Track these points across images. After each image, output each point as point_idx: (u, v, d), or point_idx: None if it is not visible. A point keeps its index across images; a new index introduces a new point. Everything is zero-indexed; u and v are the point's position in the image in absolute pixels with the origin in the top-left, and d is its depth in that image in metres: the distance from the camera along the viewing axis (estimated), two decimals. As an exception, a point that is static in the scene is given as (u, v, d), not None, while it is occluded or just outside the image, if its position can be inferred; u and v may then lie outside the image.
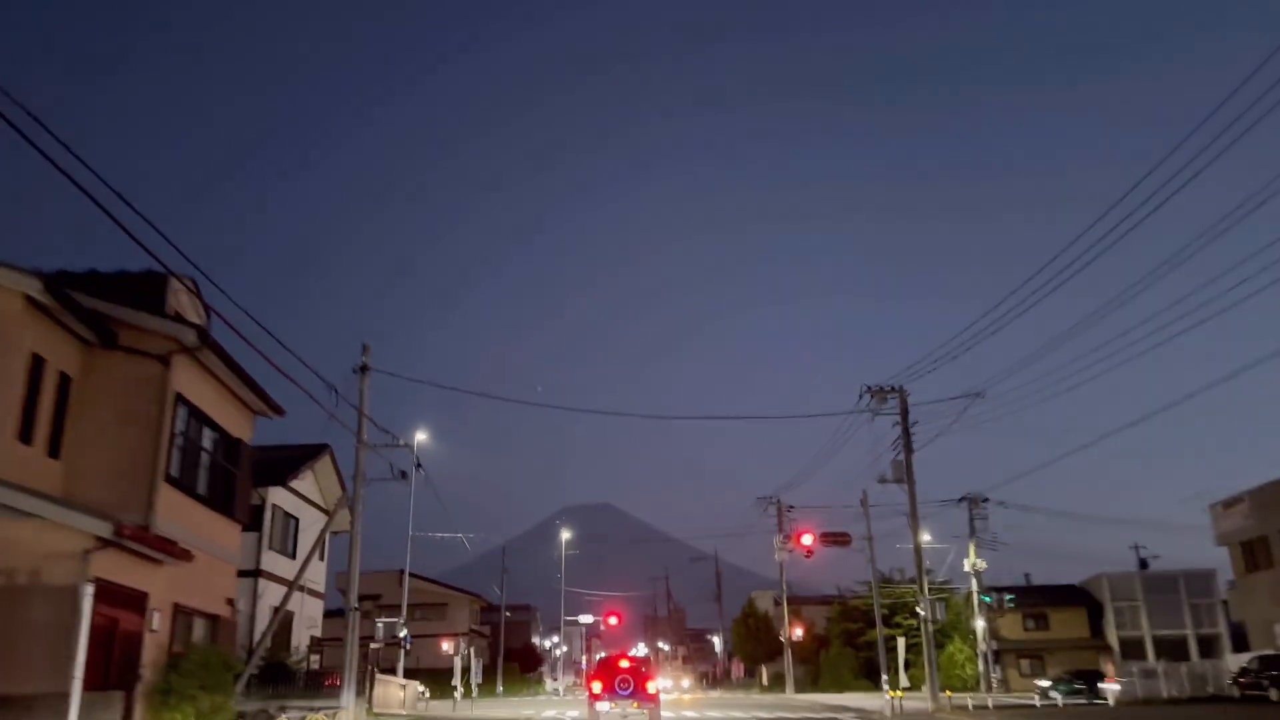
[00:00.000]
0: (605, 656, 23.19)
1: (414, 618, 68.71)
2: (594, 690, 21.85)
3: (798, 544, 28.12)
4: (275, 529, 22.28)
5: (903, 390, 35.04)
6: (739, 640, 67.20)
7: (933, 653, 33.28)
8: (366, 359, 21.85)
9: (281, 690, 20.54)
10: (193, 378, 12.97)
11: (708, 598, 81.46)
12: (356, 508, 20.84)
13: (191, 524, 12.86)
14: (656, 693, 21.92)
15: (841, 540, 29.36)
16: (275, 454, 23.85)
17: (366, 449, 21.36)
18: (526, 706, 40.14)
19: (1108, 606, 58.63)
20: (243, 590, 21.99)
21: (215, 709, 12.10)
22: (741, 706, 38.13)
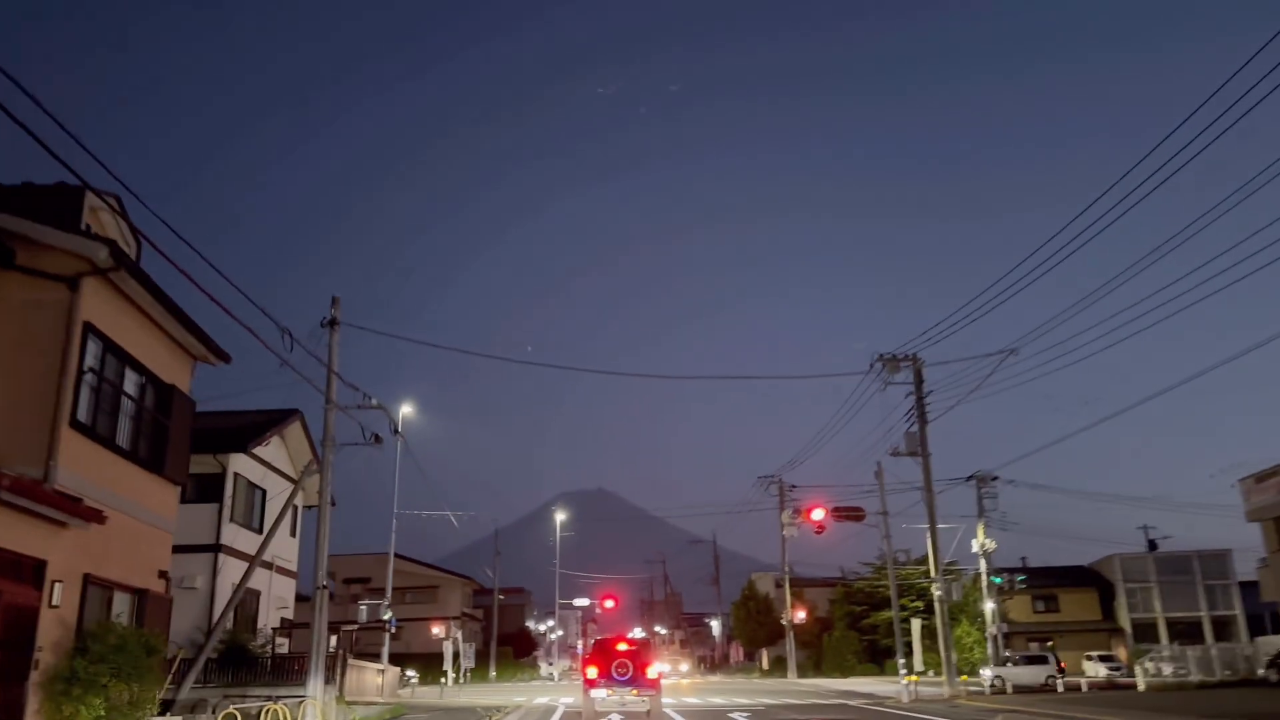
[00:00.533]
0: (601, 639, 21.20)
1: (404, 601, 66.86)
2: (589, 676, 19.89)
3: (808, 519, 26.18)
4: (238, 500, 20.25)
5: (916, 358, 33.09)
6: (739, 623, 65.48)
7: (949, 635, 31.42)
8: (335, 312, 19.78)
9: (243, 676, 18.54)
10: (110, 307, 10.88)
11: (704, 582, 79.80)
12: (325, 474, 18.78)
13: (108, 480, 10.79)
14: (658, 678, 19.98)
15: (855, 515, 27.43)
16: (239, 419, 21.79)
17: (336, 410, 19.30)
18: (519, 692, 38.26)
19: (1119, 588, 56.95)
20: (202, 567, 19.97)
21: (135, 701, 10.01)
22: (744, 692, 36.29)
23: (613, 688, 19.68)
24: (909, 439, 32.07)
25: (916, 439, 32.19)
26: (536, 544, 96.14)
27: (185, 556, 19.80)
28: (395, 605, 66.76)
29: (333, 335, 19.70)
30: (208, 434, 20.59)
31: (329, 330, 19.72)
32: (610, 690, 19.72)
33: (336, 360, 19.61)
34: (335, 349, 19.67)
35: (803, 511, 26.11)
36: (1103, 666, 50.76)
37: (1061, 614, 57.66)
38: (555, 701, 28.62)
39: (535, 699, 30.56)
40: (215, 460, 19.98)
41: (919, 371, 32.87)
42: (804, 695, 33.24)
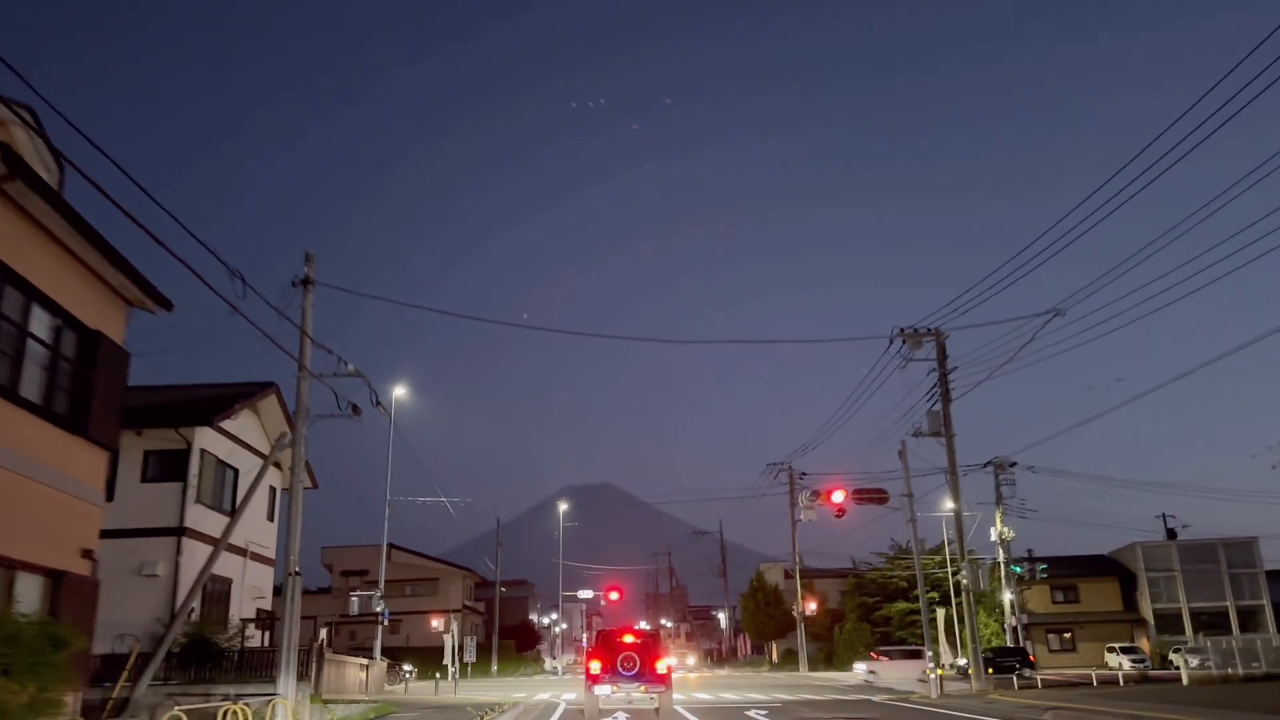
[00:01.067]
0: (605, 630, 19.34)
1: (404, 594, 65.22)
2: (592, 671, 18.06)
3: (828, 502, 24.28)
4: (205, 479, 18.42)
5: (939, 332, 31.13)
6: (747, 616, 63.68)
7: (975, 625, 29.55)
8: (310, 270, 17.95)
9: (208, 673, 16.71)
10: (8, 228, 9.00)
11: (709, 575, 78.06)
12: (298, 448, 16.93)
13: (3, 438, 8.92)
14: (667, 672, 18.15)
15: (878, 497, 25.56)
16: (206, 392, 19.94)
17: (310, 379, 17.44)
18: (520, 687, 36.49)
19: (1141, 577, 54.99)
20: (163, 552, 18.15)
21: (34, 704, 8.13)
22: (756, 686, 34.48)
23: (618, 684, 17.86)
24: (931, 418, 30.14)
25: (939, 418, 30.25)
26: (540, 538, 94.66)
27: (145, 541, 18.02)
28: (394, 598, 65.23)
29: (306, 296, 17.87)
30: (169, 406, 18.79)
31: (302, 290, 17.89)
32: (615, 686, 17.90)
33: (310, 323, 17.78)
34: (309, 311, 17.85)
35: (822, 494, 24.23)
36: (1125, 658, 48.90)
37: (1081, 604, 55.74)
38: (556, 698, 26.82)
39: (535, 695, 28.77)
40: (178, 435, 18.15)
41: (942, 345, 30.93)
42: (820, 689, 31.40)
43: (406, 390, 35.09)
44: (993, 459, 52.95)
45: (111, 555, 17.99)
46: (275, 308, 17.22)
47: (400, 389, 34.92)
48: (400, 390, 34.88)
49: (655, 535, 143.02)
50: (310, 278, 17.94)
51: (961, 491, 31.43)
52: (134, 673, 16.20)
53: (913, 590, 57.54)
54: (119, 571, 17.74)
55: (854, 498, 24.66)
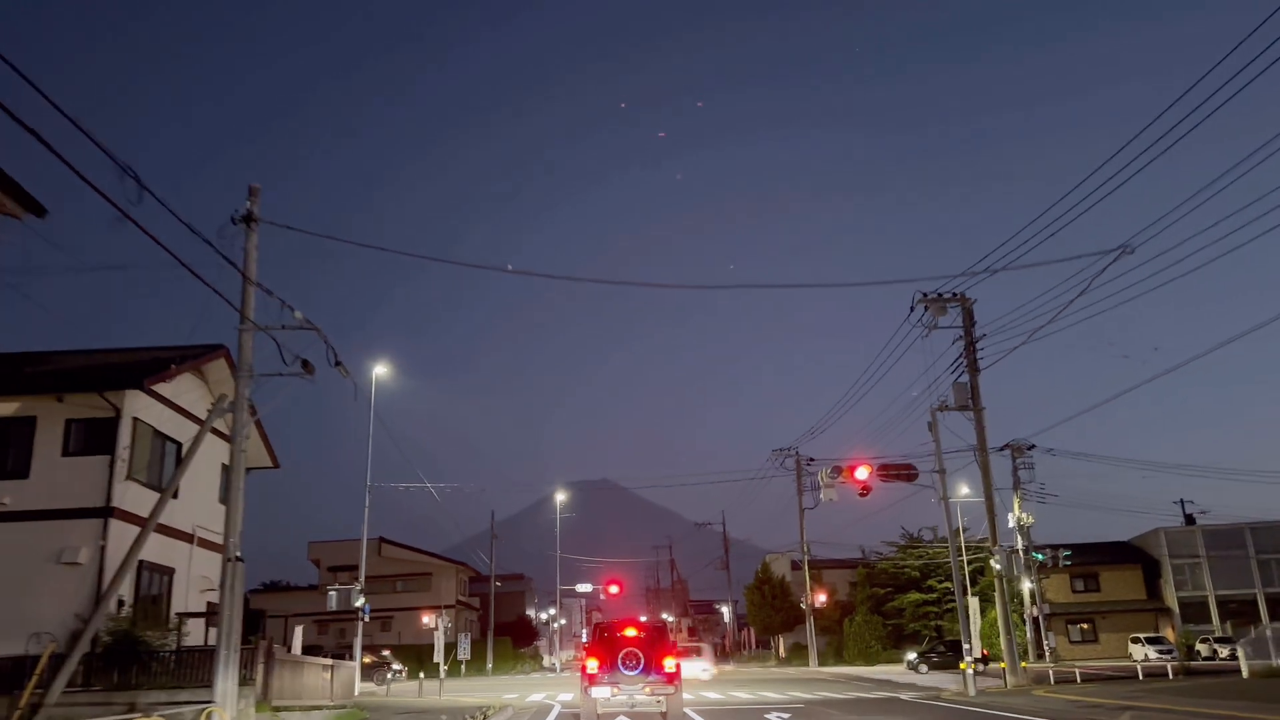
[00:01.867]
0: (604, 624, 16.84)
1: (395, 589, 62.64)
2: (589, 670, 15.57)
3: (851, 479, 21.79)
4: (139, 452, 15.88)
5: (965, 297, 28.63)
6: (753, 609, 61.22)
7: (1008, 615, 27.08)
8: (253, 205, 15.37)
9: (135, 677, 14.15)
10: None
11: (710, 569, 75.66)
12: (240, 412, 14.40)
13: None
14: (676, 671, 15.65)
15: (906, 473, 23.08)
16: (142, 355, 17.40)
17: (255, 332, 14.90)
18: (513, 687, 34.02)
19: (1165, 564, 52.55)
20: (87, 535, 15.59)
21: None
22: (767, 683, 32.02)
23: (619, 684, 15.37)
24: (958, 390, 27.65)
25: (967, 390, 27.77)
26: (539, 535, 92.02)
27: (65, 524, 15.49)
28: (385, 594, 62.72)
29: (250, 236, 15.30)
30: (95, 370, 16.24)
31: (245, 229, 15.32)
32: (616, 688, 15.41)
33: (255, 266, 15.21)
34: (254, 253, 15.28)
35: (844, 470, 21.72)
36: (1151, 649, 46.48)
37: (1103, 593, 53.32)
38: (551, 699, 24.34)
39: (529, 696, 26.28)
40: (104, 401, 15.59)
41: (969, 312, 28.45)
42: (838, 686, 28.94)
43: (389, 370, 32.56)
44: (1010, 442, 50.46)
45: (25, 540, 15.49)
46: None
47: (381, 367, 32.39)
48: (381, 369, 32.35)
49: (656, 531, 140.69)
50: (254, 214, 15.36)
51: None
52: (45, 678, 13.65)
53: (926, 580, 55.20)
54: (34, 559, 15.23)
55: (879, 474, 22.20)
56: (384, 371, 32.38)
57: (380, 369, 32.26)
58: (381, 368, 32.31)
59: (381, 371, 32.32)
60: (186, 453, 14.71)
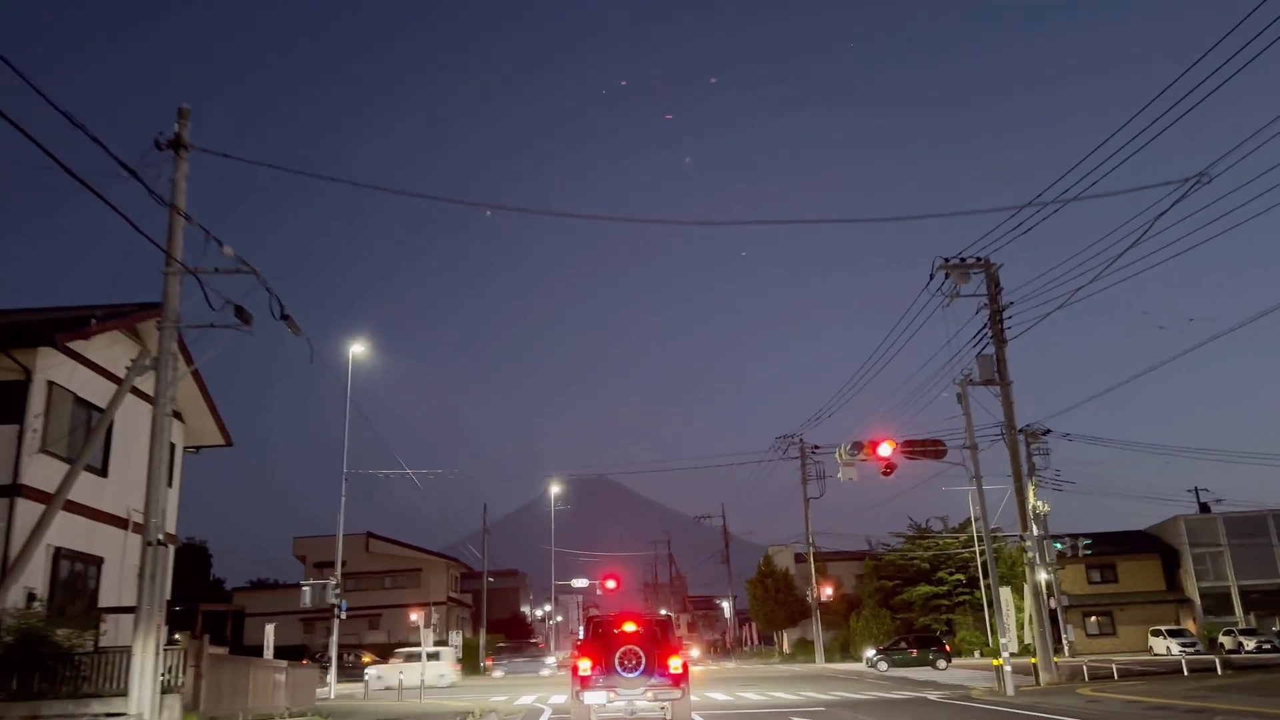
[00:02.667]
0: (600, 618, 14.57)
1: (383, 586, 60.35)
2: (581, 671, 13.35)
3: (873, 455, 19.59)
4: (56, 421, 13.57)
5: (989, 263, 26.40)
6: (755, 603, 59.06)
7: (1043, 606, 24.89)
8: (182, 130, 13.11)
9: (38, 684, 11.86)
10: None
11: (709, 564, 73.55)
12: (165, 370, 12.15)
13: None
14: (683, 671, 13.44)
15: (933, 450, 20.90)
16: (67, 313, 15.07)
17: (182, 275, 12.68)
18: (504, 688, 31.81)
19: (1185, 554, 50.47)
20: (-12, 518, 13.24)
21: None
22: (775, 681, 29.82)
23: (616, 688, 13.15)
24: (983, 363, 25.42)
25: (992, 363, 25.53)
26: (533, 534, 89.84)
27: (-40, 503, 13.17)
28: (373, 591, 60.40)
29: (178, 163, 13.06)
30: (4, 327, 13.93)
31: (172, 156, 13.07)
32: (613, 692, 13.19)
33: (184, 198, 12.96)
34: (183, 184, 13.04)
35: (866, 446, 19.51)
36: (1173, 642, 44.39)
37: (1120, 584, 51.24)
38: (542, 702, 22.12)
39: (518, 698, 24.06)
40: (11, 361, 13.28)
41: (994, 278, 26.22)
42: (853, 685, 26.74)
43: (367, 349, 30.23)
44: (1025, 426, 48.27)
45: (-85, 524, 13.19)
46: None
47: (359, 346, 30.06)
48: (358, 348, 30.03)
49: (653, 528, 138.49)
50: (183, 140, 13.09)
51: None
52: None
53: (936, 573, 53.04)
54: (-74, 546, 12.93)
55: (904, 451, 20.01)
56: (361, 351, 30.06)
57: (358, 348, 29.95)
58: (359, 346, 30.00)
59: (359, 351, 30.02)
60: (101, 419, 12.49)
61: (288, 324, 13.98)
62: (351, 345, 29.87)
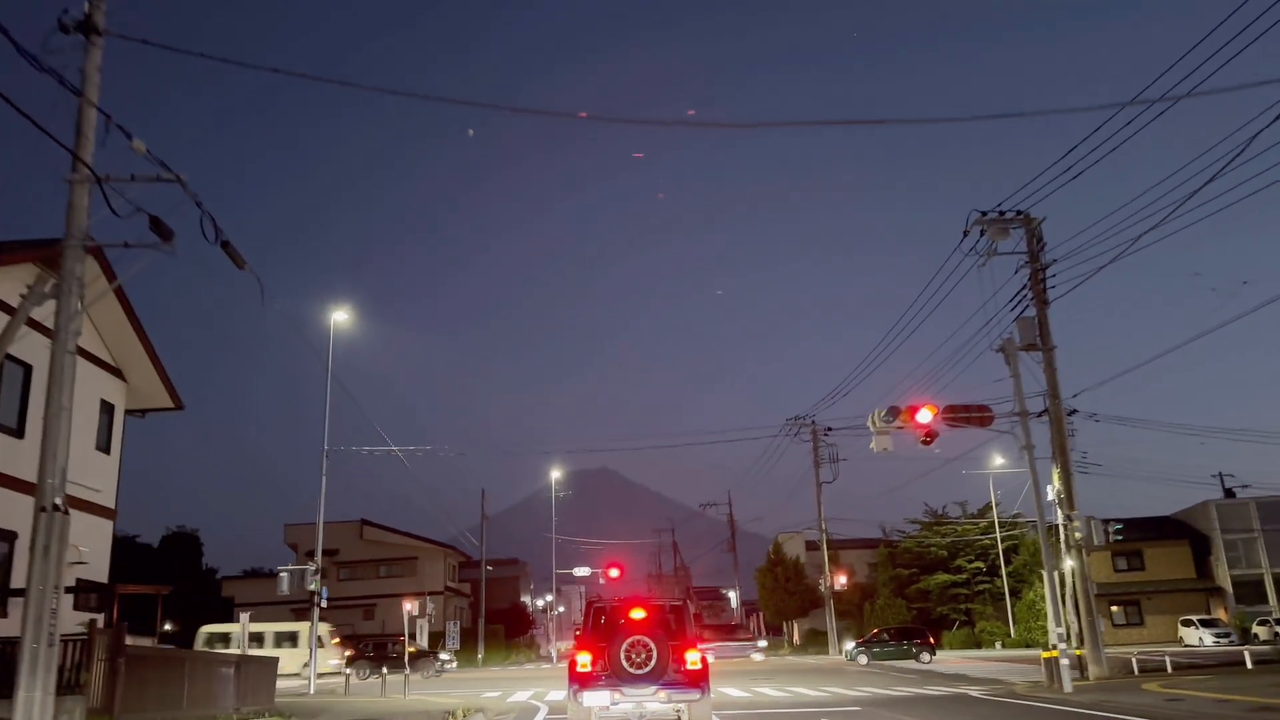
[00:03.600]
0: (602, 603, 12.29)
1: (377, 575, 58.24)
2: (580, 666, 11.12)
3: (911, 423, 17.32)
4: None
5: (1030, 216, 24.07)
6: (764, 593, 56.89)
7: (1090, 595, 22.64)
8: (94, 11, 10.81)
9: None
10: None
11: (714, 553, 71.49)
12: (65, 297, 9.95)
13: None
14: (703, 668, 11.20)
15: (978, 416, 18.62)
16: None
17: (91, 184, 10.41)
18: (502, 681, 29.65)
19: (1216, 540, 48.17)
20: None
21: None
22: (792, 675, 27.60)
23: (622, 687, 10.91)
24: (1023, 326, 23.12)
25: (1034, 326, 23.23)
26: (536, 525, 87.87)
27: None
28: (367, 580, 58.27)
29: (89, 51, 10.74)
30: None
31: (83, 43, 10.77)
32: (618, 692, 10.95)
33: (96, 92, 10.68)
34: (95, 76, 10.75)
35: (903, 412, 17.23)
36: (1206, 632, 42.23)
37: (1147, 572, 48.97)
38: (538, 699, 19.94)
39: (513, 695, 21.87)
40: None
41: (1035, 233, 23.90)
42: (878, 679, 24.51)
43: (349, 314, 27.95)
44: (1048, 407, 46.13)
45: None
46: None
47: (340, 313, 27.77)
48: (341, 314, 27.74)
49: (657, 519, 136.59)
50: (95, 23, 10.76)
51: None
52: None
53: (954, 560, 50.84)
54: None
55: (945, 418, 17.74)
56: (344, 318, 27.77)
57: (340, 315, 27.66)
58: (341, 314, 27.70)
59: (341, 318, 27.73)
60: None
61: (227, 252, 11.70)
62: (333, 312, 27.58)
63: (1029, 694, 18.17)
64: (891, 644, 36.14)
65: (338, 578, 57.69)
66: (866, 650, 35.87)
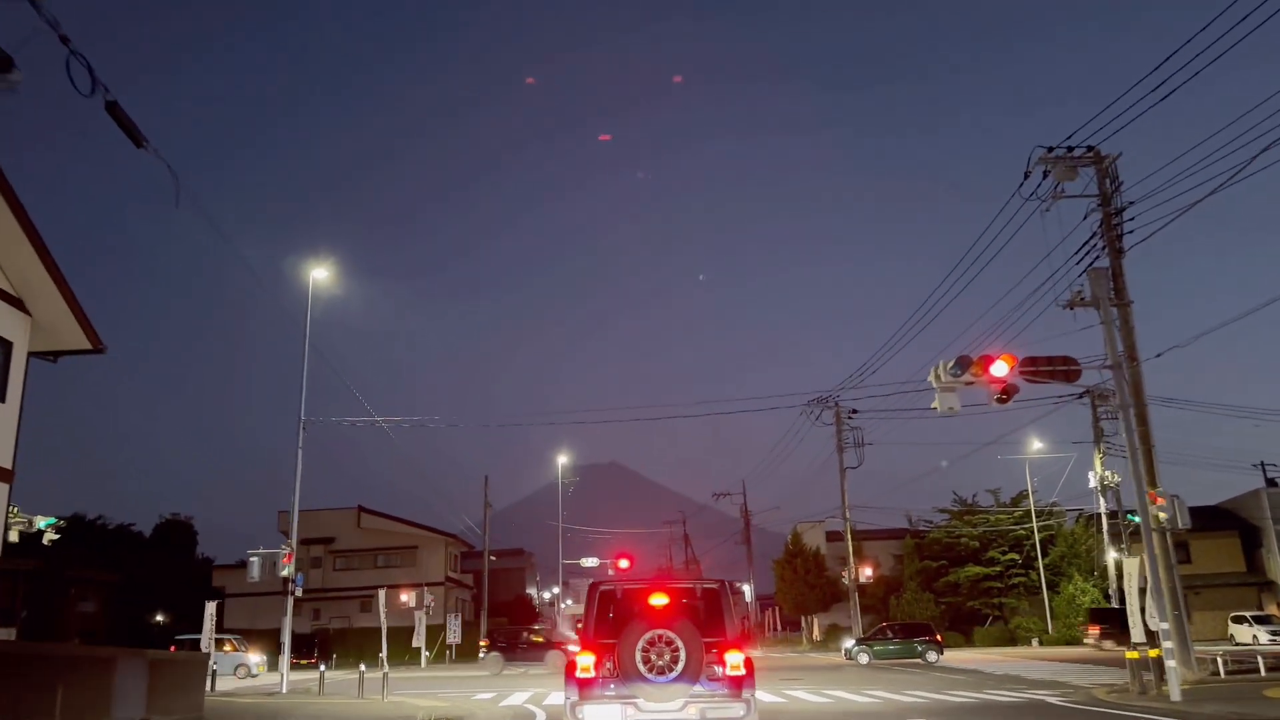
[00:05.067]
0: (611, 588, 9.27)
1: (374, 565, 55.43)
2: (581, 670, 8.23)
3: (985, 375, 14.34)
4: None
5: (1101, 154, 21.01)
6: (783, 586, 53.91)
7: (1176, 582, 19.56)
8: None
9: None
10: None
11: (724, 548, 68.57)
12: None
13: None
14: (747, 671, 8.27)
15: (1062, 370, 15.57)
16: None
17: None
18: (500, 679, 26.85)
19: (1268, 531, 44.97)
20: None
21: None
22: (822, 675, 24.67)
23: (638, 699, 8.03)
24: (1094, 278, 19.95)
25: (1105, 279, 20.08)
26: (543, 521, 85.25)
27: None
28: (363, 570, 55.34)
29: None
30: None
31: None
32: (631, 704, 8.06)
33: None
34: None
35: (975, 364, 14.26)
36: (1262, 630, 39.13)
37: (1194, 565, 45.66)
38: (535, 703, 17.08)
39: (508, 697, 19.03)
40: None
41: (1108, 172, 20.83)
42: (926, 681, 21.56)
43: (329, 270, 25.10)
44: (1090, 387, 42.98)
45: None
46: None
47: (320, 270, 24.92)
48: (320, 271, 24.90)
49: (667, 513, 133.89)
50: None
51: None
52: None
53: (986, 552, 47.81)
54: None
55: (1024, 371, 14.74)
56: (324, 275, 24.92)
57: (319, 272, 24.80)
58: (321, 270, 24.84)
59: (321, 276, 24.87)
60: None
61: (115, 118, 8.81)
62: (312, 269, 24.73)
63: (1116, 701, 15.24)
64: (896, 641, 33.11)
65: (333, 567, 55.08)
66: (868, 648, 32.86)
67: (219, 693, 22.42)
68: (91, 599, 51.66)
